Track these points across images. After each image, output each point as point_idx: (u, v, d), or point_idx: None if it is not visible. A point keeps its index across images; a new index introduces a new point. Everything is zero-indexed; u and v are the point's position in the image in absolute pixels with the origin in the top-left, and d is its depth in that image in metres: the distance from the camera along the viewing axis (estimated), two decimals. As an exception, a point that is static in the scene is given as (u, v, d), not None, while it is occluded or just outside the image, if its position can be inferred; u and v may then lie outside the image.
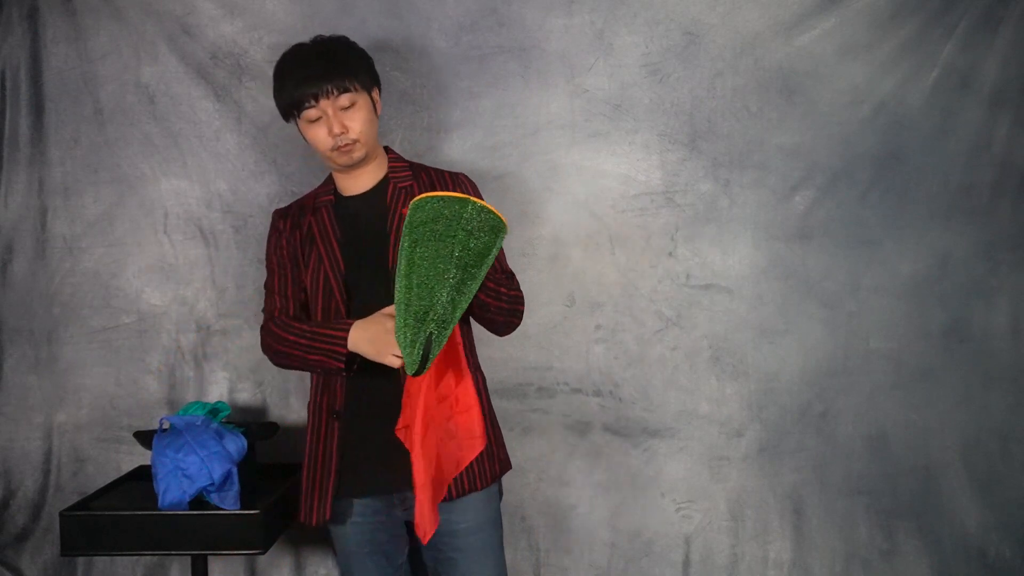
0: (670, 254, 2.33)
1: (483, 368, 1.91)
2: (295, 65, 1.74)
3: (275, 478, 2.11)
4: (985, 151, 2.31)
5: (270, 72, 2.26)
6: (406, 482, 1.67)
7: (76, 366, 2.32)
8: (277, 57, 2.26)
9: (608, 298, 2.33)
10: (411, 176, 1.82)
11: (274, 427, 2.17)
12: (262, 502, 1.91)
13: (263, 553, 1.88)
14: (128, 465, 2.28)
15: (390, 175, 1.82)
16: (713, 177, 2.32)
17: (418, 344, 1.50)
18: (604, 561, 2.35)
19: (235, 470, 1.90)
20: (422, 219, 1.52)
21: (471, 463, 1.73)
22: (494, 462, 1.82)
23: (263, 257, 2.29)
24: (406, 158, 1.89)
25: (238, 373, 2.33)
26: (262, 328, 1.82)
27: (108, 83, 2.29)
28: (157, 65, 2.29)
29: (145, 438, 2.01)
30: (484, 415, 1.72)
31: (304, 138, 1.78)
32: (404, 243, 1.54)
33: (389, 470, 1.71)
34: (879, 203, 2.32)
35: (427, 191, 1.75)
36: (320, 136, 1.72)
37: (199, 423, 1.95)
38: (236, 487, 1.89)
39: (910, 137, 2.31)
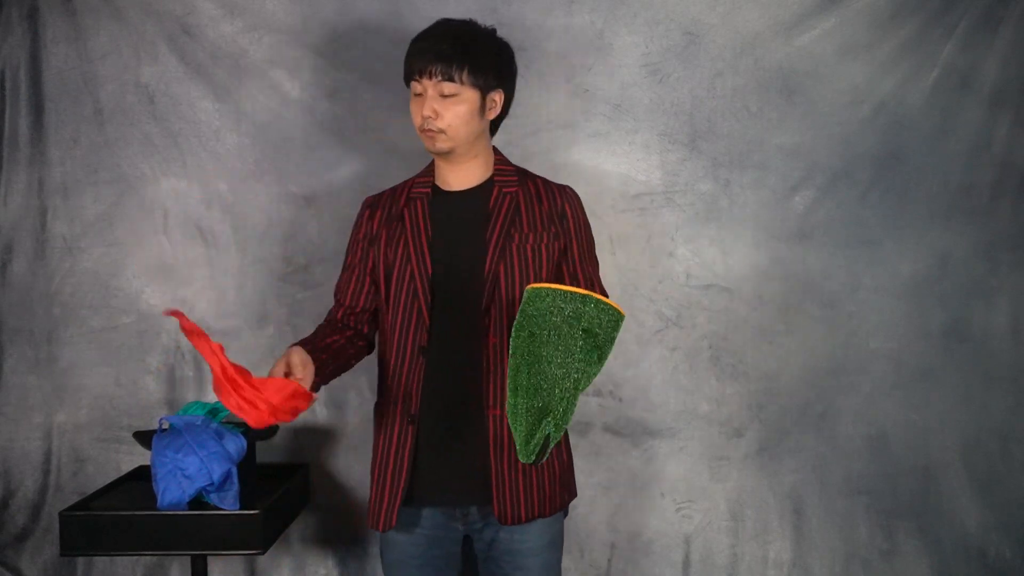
0: (670, 254, 2.33)
1: None
2: (425, 35, 1.68)
3: (275, 478, 2.11)
4: (985, 151, 2.31)
5: (270, 72, 2.29)
6: (474, 496, 1.67)
7: (76, 366, 2.32)
8: (277, 57, 2.28)
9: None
10: (517, 182, 1.74)
11: (274, 427, 2.16)
12: (262, 502, 1.91)
13: (263, 553, 1.88)
14: (128, 465, 2.28)
15: (495, 177, 1.74)
16: (713, 177, 2.32)
17: (535, 441, 1.48)
18: (604, 561, 2.35)
19: (235, 470, 1.90)
20: (540, 311, 1.46)
21: (545, 488, 1.70)
22: (565, 489, 1.77)
23: (263, 257, 2.31)
24: (513, 162, 1.82)
25: (238, 373, 2.33)
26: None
27: (108, 83, 2.29)
28: (157, 65, 2.29)
29: (145, 438, 2.01)
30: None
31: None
32: (521, 332, 1.48)
33: (459, 481, 1.67)
34: (879, 203, 2.32)
35: (534, 201, 1.72)
36: (415, 114, 1.67)
37: (199, 423, 1.95)
38: (236, 487, 1.89)
39: (910, 137, 2.31)
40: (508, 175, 1.76)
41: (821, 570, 2.35)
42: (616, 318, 1.49)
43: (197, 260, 2.32)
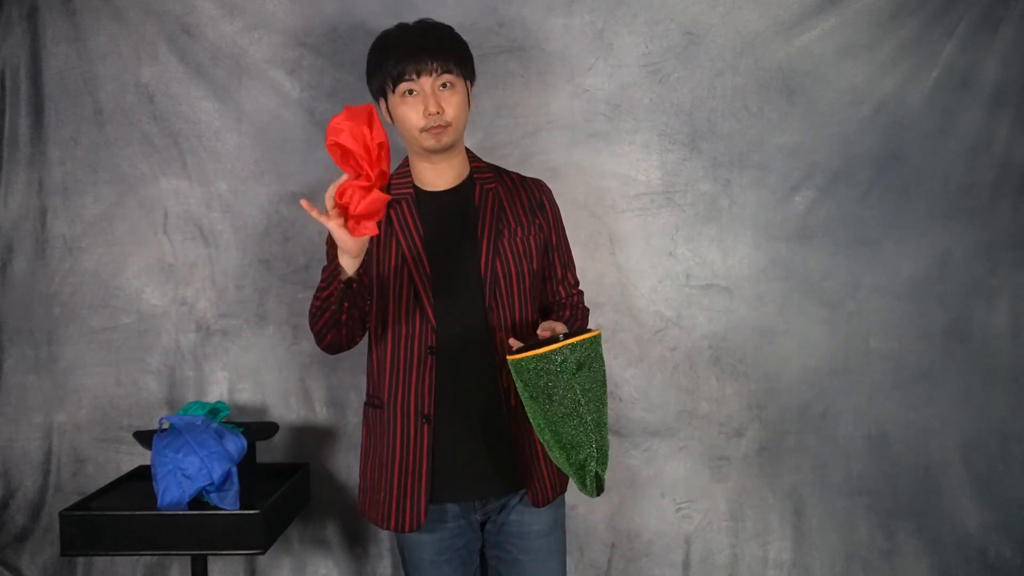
0: (670, 254, 2.33)
1: None
2: (399, 39, 1.67)
3: (275, 478, 2.11)
4: (985, 151, 2.31)
5: (270, 72, 2.29)
6: (496, 489, 1.69)
7: (76, 366, 2.32)
8: (277, 57, 2.28)
9: (608, 298, 2.33)
10: (494, 178, 1.77)
11: (274, 427, 2.17)
12: (262, 502, 1.91)
13: (263, 553, 1.88)
14: (128, 465, 2.28)
15: (474, 174, 1.76)
16: (713, 177, 2.32)
17: (589, 481, 1.54)
18: (604, 561, 2.35)
19: (235, 470, 1.90)
20: (528, 380, 1.50)
21: (552, 469, 1.74)
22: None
23: (263, 257, 2.31)
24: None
25: (238, 373, 2.33)
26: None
27: (108, 83, 2.29)
28: (157, 65, 2.29)
29: (145, 438, 2.01)
30: None
31: (391, 119, 1.71)
32: (525, 400, 1.53)
33: (476, 476, 1.69)
34: (879, 203, 2.32)
35: (514, 195, 1.76)
36: (413, 114, 1.65)
37: (199, 423, 1.95)
38: (236, 487, 1.89)
39: (910, 137, 2.31)
40: (484, 171, 1.79)
41: (821, 570, 2.35)
42: (593, 343, 1.53)
43: (197, 260, 2.32)
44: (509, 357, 1.52)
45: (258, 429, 2.12)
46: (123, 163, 2.31)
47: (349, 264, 1.53)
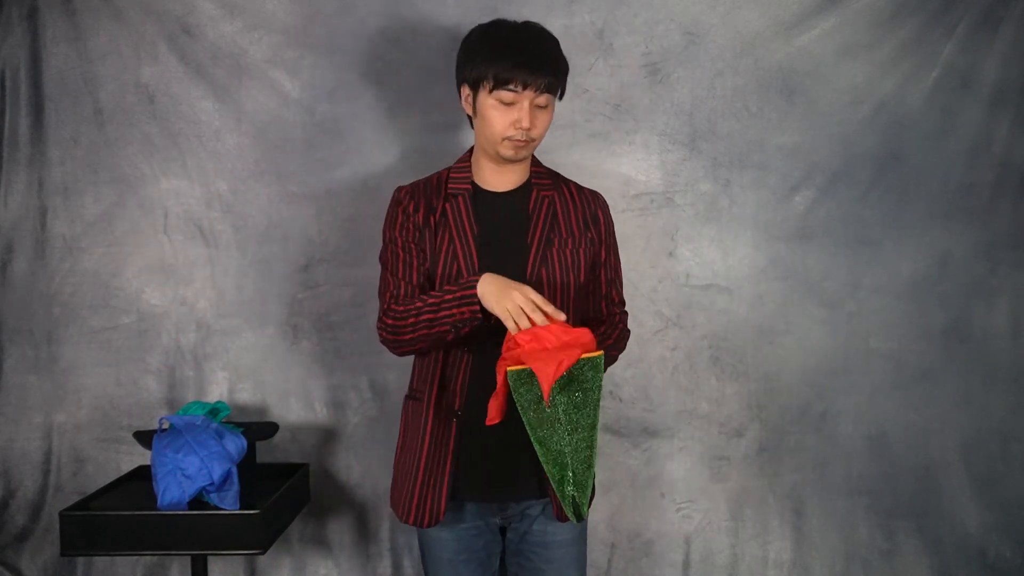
0: (670, 254, 2.33)
1: None
2: (515, 43, 1.62)
3: (275, 478, 2.11)
4: (985, 151, 2.31)
5: (270, 72, 2.29)
6: (520, 493, 1.68)
7: (76, 366, 2.32)
8: (277, 57, 2.28)
9: (608, 298, 2.33)
10: (552, 185, 1.75)
11: (274, 427, 2.17)
12: (262, 502, 1.91)
13: (263, 553, 1.88)
14: (128, 465, 2.28)
15: (532, 179, 1.75)
16: (713, 177, 2.32)
17: (567, 502, 1.50)
18: (604, 561, 2.35)
19: (235, 470, 1.90)
20: (520, 392, 1.48)
21: None
22: (594, 482, 1.79)
23: (264, 257, 2.31)
24: (543, 164, 1.81)
25: (238, 373, 2.33)
26: (383, 313, 1.67)
27: (108, 83, 2.29)
28: (157, 65, 2.28)
29: (145, 438, 2.01)
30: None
31: (471, 111, 1.69)
32: (519, 407, 1.49)
33: (500, 477, 1.68)
34: (879, 203, 2.32)
35: (569, 205, 1.74)
36: (501, 121, 1.62)
37: (199, 423, 1.95)
38: (236, 487, 1.89)
39: (910, 137, 2.31)
40: (543, 177, 1.77)
41: (821, 570, 2.35)
42: (594, 363, 1.49)
43: (197, 260, 2.32)
44: (508, 369, 1.49)
45: (258, 429, 2.12)
46: (123, 163, 2.31)
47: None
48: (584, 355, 1.48)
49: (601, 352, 1.50)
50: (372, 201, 2.29)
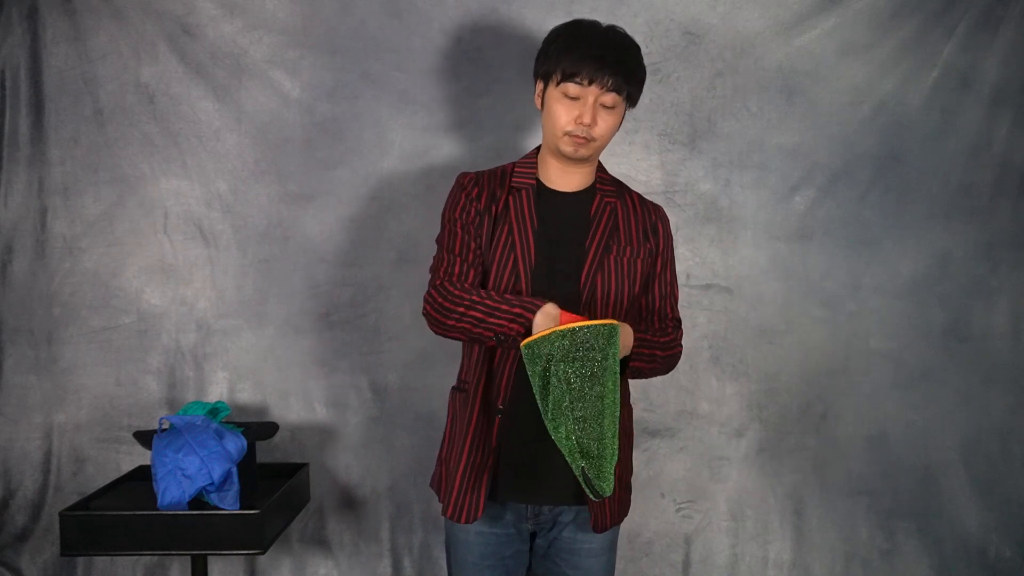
0: (670, 254, 2.33)
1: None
2: (591, 40, 1.61)
3: (275, 478, 2.11)
4: (985, 151, 2.31)
5: (270, 72, 2.29)
6: (557, 498, 1.66)
7: (76, 366, 2.32)
8: (277, 57, 2.28)
9: (608, 298, 2.33)
10: (616, 192, 1.74)
11: (274, 427, 2.16)
12: (262, 502, 1.91)
13: (263, 553, 1.88)
14: (128, 465, 2.28)
15: (597, 184, 1.73)
16: (713, 177, 2.32)
17: (579, 476, 1.46)
18: (604, 561, 2.35)
19: (235, 470, 1.90)
20: (533, 362, 1.46)
21: (624, 496, 1.73)
22: (627, 496, 1.77)
23: (263, 257, 2.31)
24: (610, 173, 1.80)
25: (238, 373, 2.33)
26: (434, 287, 1.65)
27: (108, 83, 2.29)
28: (157, 65, 2.28)
29: (145, 438, 2.01)
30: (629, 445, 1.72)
31: (541, 105, 1.68)
32: (534, 386, 1.47)
33: (545, 482, 1.65)
34: (879, 203, 2.32)
35: (631, 214, 1.71)
36: (564, 115, 1.61)
37: (199, 423, 1.95)
38: (236, 487, 1.89)
39: (910, 137, 2.31)
40: (608, 184, 1.75)
41: (821, 570, 2.35)
42: (607, 331, 1.46)
43: (197, 260, 2.32)
44: (522, 343, 1.47)
45: (258, 429, 2.12)
46: (123, 163, 2.31)
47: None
48: (595, 322, 1.45)
49: (614, 321, 1.48)
50: (372, 201, 2.29)
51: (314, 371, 2.33)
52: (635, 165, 2.32)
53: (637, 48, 1.66)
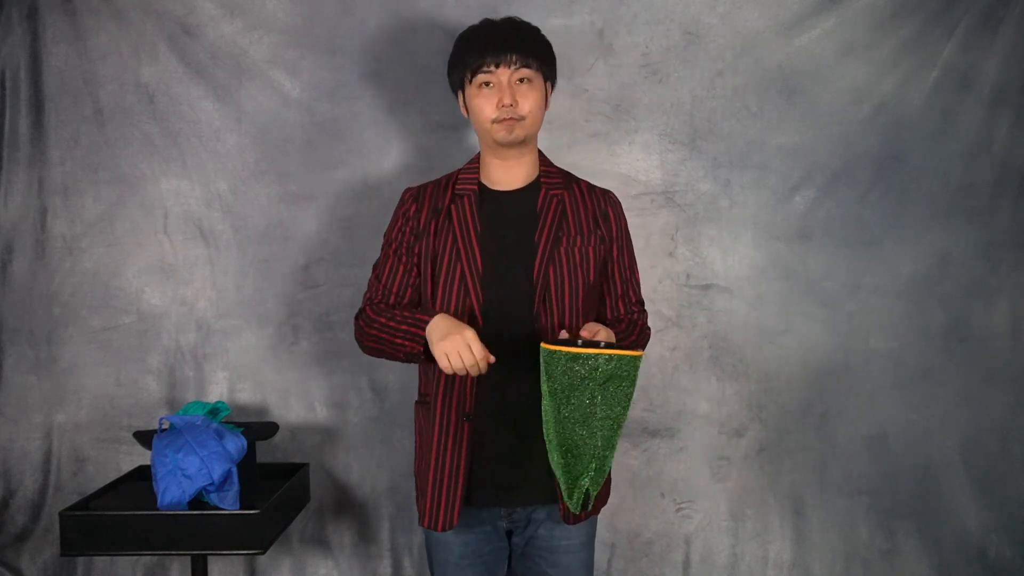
0: (670, 254, 2.33)
1: None
2: (483, 31, 1.67)
3: (275, 478, 2.11)
4: (985, 151, 2.31)
5: (270, 72, 2.29)
6: (531, 497, 1.67)
7: (76, 366, 2.32)
8: (277, 57, 2.28)
9: (608, 298, 2.33)
10: (563, 184, 1.74)
11: (274, 427, 2.16)
12: (262, 502, 1.91)
13: (263, 553, 1.88)
14: (128, 465, 2.28)
15: (542, 178, 1.73)
16: (713, 177, 2.32)
17: (576, 495, 1.49)
18: (604, 561, 2.35)
19: (235, 470, 1.90)
20: (555, 374, 1.46)
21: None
22: (608, 487, 1.79)
23: (264, 257, 2.31)
24: (555, 164, 1.81)
25: (238, 373, 2.33)
26: (358, 313, 1.73)
27: (108, 83, 2.29)
28: (157, 65, 2.29)
29: (145, 438, 2.01)
30: None
31: (467, 112, 1.71)
32: (544, 389, 1.48)
33: (518, 482, 1.67)
34: (879, 203, 2.32)
35: (579, 204, 1.72)
36: (487, 106, 1.64)
37: (199, 423, 1.95)
38: (236, 487, 1.89)
39: (910, 137, 2.31)
40: (553, 176, 1.75)
41: (821, 570, 2.35)
42: (630, 362, 1.47)
43: (197, 260, 2.32)
44: (544, 345, 1.48)
45: (258, 429, 2.12)
46: (123, 163, 2.31)
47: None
48: (627, 352, 1.46)
49: (641, 352, 1.49)
50: (372, 201, 2.29)
51: (314, 371, 2.33)
52: (635, 165, 2.32)
53: (537, 29, 1.72)
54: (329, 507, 2.34)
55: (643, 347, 1.76)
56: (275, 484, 2.05)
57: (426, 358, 1.59)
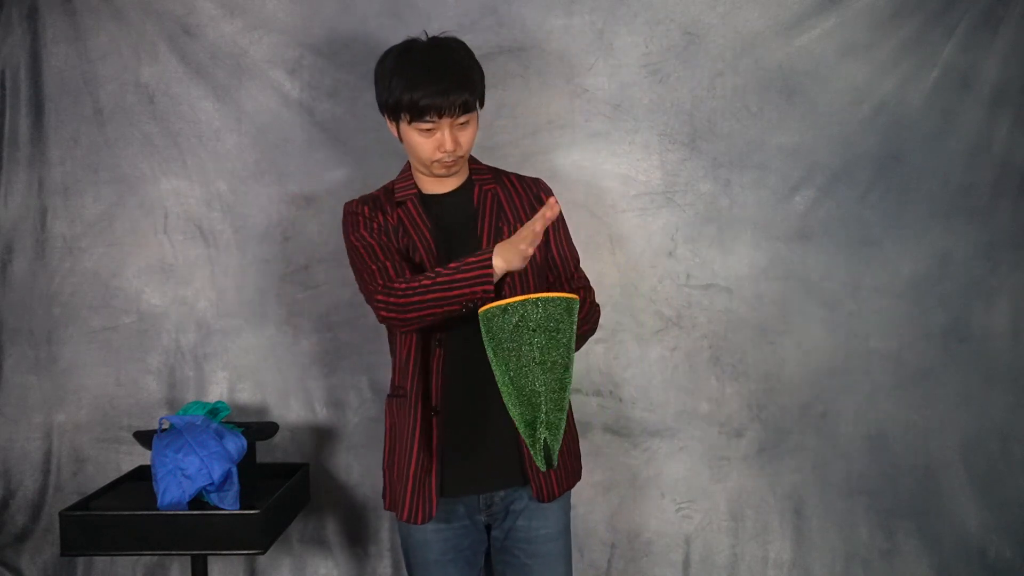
0: (670, 254, 2.33)
1: None
2: (421, 70, 1.64)
3: (275, 478, 2.11)
4: (985, 151, 2.31)
5: (270, 72, 2.29)
6: (503, 481, 1.71)
7: (76, 366, 2.32)
8: (277, 57, 2.28)
9: (608, 298, 2.32)
10: (493, 179, 1.79)
11: (274, 427, 2.17)
12: (262, 502, 1.91)
13: (263, 553, 1.88)
14: (128, 465, 2.28)
15: (473, 176, 1.79)
16: (713, 177, 2.32)
17: (538, 448, 1.50)
18: (604, 561, 2.35)
19: (235, 470, 1.90)
20: (492, 331, 1.49)
21: (567, 462, 1.76)
22: (577, 460, 1.84)
23: (264, 257, 2.31)
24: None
25: (238, 373, 2.33)
26: (380, 294, 1.63)
27: (108, 83, 2.29)
28: (157, 65, 2.29)
29: (145, 438, 2.01)
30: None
31: (398, 135, 1.72)
32: (490, 354, 1.51)
33: (488, 468, 1.71)
34: (879, 203, 2.32)
35: (512, 194, 1.77)
36: (427, 147, 1.66)
37: (199, 423, 1.95)
38: (236, 487, 1.89)
39: (910, 137, 2.31)
40: (483, 172, 1.81)
41: (821, 570, 2.35)
42: (562, 304, 1.49)
43: (197, 260, 2.32)
44: (479, 311, 1.50)
45: (258, 429, 2.12)
46: (123, 163, 2.31)
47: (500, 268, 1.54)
48: (553, 294, 1.49)
49: (576, 296, 1.52)
50: (372, 201, 2.29)
51: (314, 371, 2.33)
52: (635, 165, 2.32)
53: (468, 53, 1.71)
54: (329, 507, 2.34)
55: (593, 326, 1.80)
56: (275, 484, 2.05)
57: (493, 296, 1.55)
